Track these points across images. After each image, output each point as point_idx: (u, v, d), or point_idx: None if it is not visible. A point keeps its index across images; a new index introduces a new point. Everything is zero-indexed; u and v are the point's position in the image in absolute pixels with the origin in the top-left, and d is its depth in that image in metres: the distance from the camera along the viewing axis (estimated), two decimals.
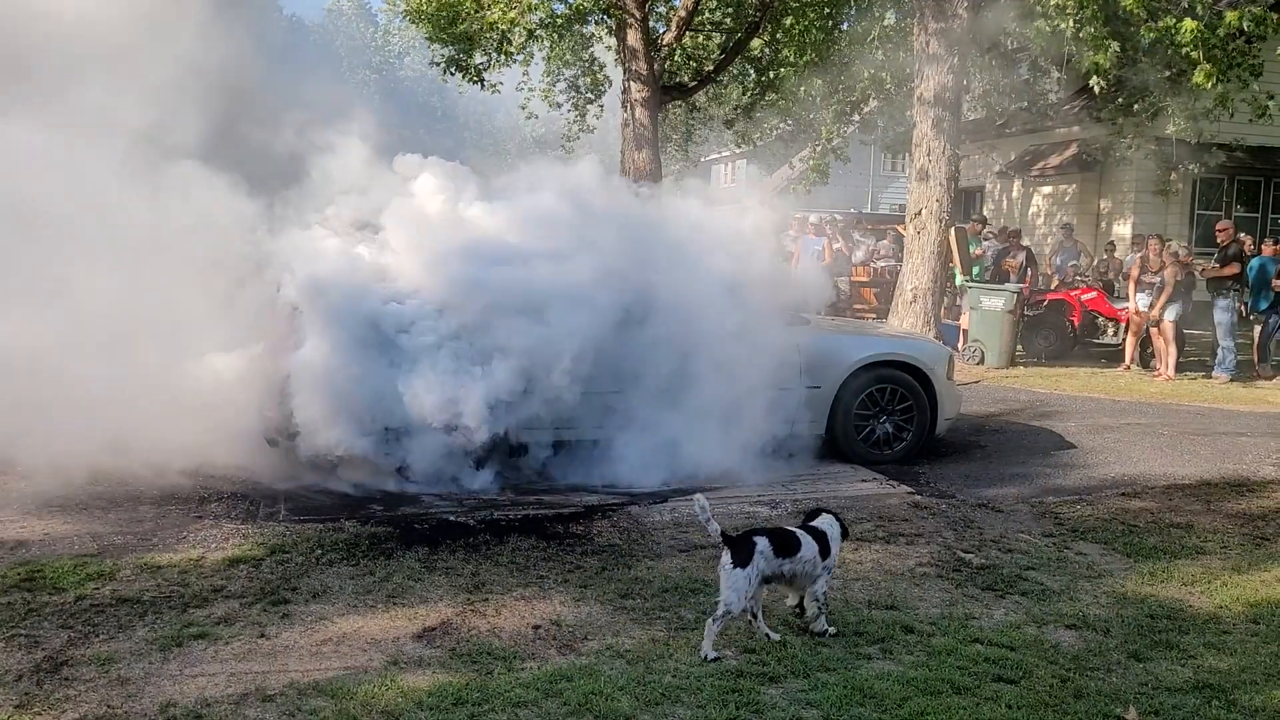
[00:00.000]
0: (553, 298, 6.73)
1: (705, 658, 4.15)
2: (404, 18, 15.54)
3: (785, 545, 4.38)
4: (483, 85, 15.19)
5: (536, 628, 4.51)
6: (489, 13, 13.54)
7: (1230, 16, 11.94)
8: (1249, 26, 12.24)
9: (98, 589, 4.81)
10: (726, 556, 4.27)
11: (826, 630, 4.45)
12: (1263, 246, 13.71)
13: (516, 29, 13.75)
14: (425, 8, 14.49)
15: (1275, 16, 13.39)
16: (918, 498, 6.85)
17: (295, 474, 6.74)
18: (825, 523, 4.63)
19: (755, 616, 4.41)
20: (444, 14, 14.21)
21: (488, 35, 13.82)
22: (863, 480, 7.31)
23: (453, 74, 15.24)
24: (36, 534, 5.61)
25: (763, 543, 4.32)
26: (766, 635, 4.38)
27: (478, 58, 14.59)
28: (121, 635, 4.33)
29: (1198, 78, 12.07)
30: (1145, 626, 4.68)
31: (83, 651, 4.16)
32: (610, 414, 7.04)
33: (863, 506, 6.57)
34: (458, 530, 5.84)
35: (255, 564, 5.20)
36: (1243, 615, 4.86)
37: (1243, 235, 14.59)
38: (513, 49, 14.05)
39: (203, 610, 4.60)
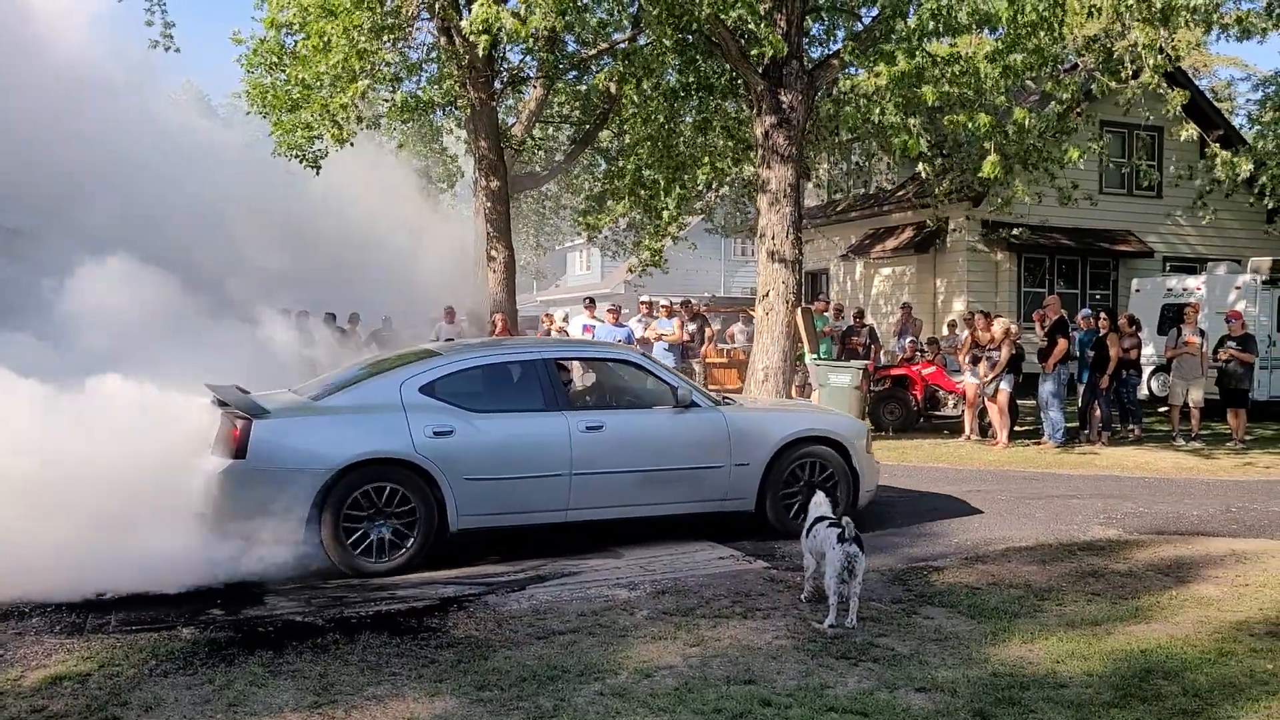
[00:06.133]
0: None
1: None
2: (250, 109, 15.28)
3: None
4: (318, 172, 15.03)
5: None
6: (338, 96, 13.52)
7: (1019, 114, 12.95)
8: (1032, 124, 13.30)
9: None
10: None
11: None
12: (1095, 320, 14.63)
13: (350, 116, 13.75)
14: (270, 99, 14.36)
15: (1060, 121, 14.61)
16: (774, 572, 6.95)
17: (130, 579, 6.37)
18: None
19: None
20: (283, 102, 14.11)
21: (324, 122, 13.75)
22: (720, 557, 7.37)
23: (290, 160, 15.05)
24: None
25: None
26: None
27: (317, 145, 14.46)
28: None
29: (985, 169, 13.03)
30: (989, 685, 4.84)
31: None
32: None
33: (720, 583, 6.62)
34: (305, 630, 5.60)
35: (81, 680, 4.85)
36: (1078, 668, 5.08)
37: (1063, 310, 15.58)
38: (345, 136, 13.97)
39: None
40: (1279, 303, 17.87)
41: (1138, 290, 20.05)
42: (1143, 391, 16.49)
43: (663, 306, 17.23)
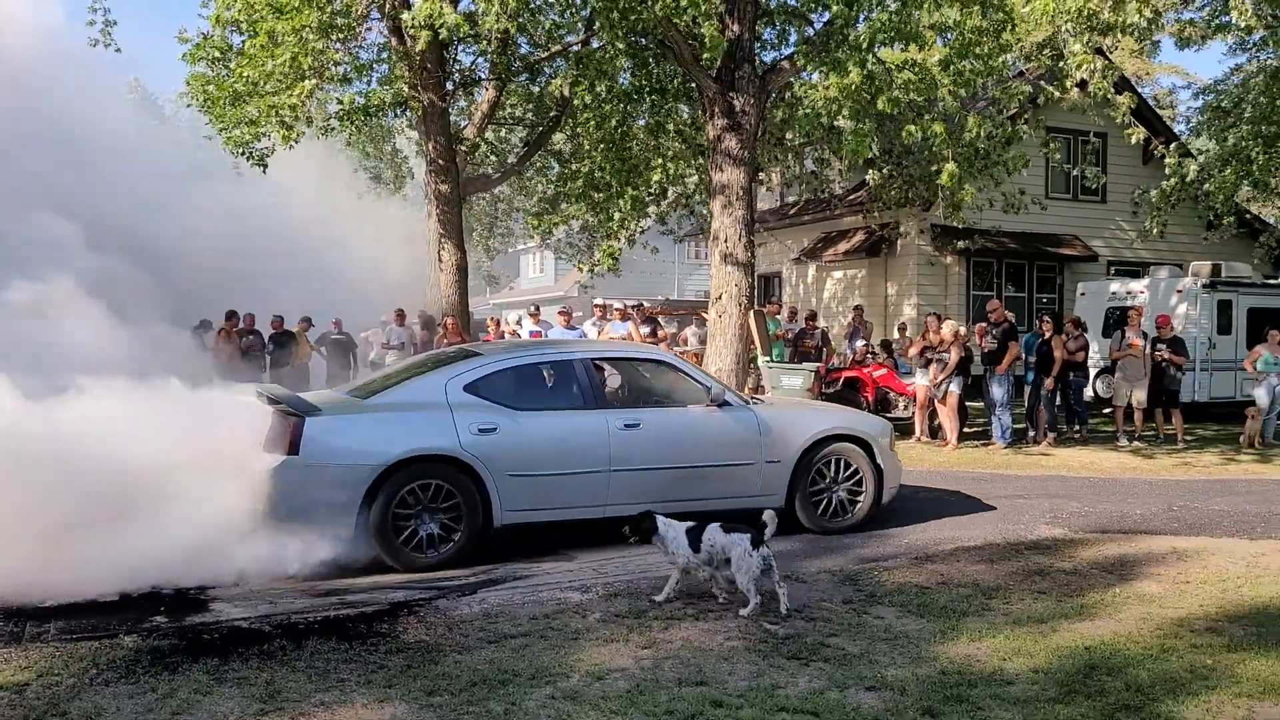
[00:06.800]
0: None
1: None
2: (192, 106, 15.02)
3: None
4: (264, 169, 14.87)
5: None
6: (281, 97, 13.34)
7: (971, 123, 13.13)
8: (988, 131, 13.53)
9: None
10: None
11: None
12: (1040, 324, 14.91)
13: (299, 116, 13.59)
14: (211, 91, 14.16)
15: (1011, 127, 14.88)
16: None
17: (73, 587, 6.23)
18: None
19: None
20: (225, 94, 13.93)
21: (271, 121, 13.58)
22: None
23: (238, 157, 14.82)
24: None
25: None
26: None
27: (263, 142, 14.27)
28: None
29: (943, 178, 13.21)
30: (938, 683, 4.88)
31: None
32: None
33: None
34: (251, 637, 5.51)
35: (18, 690, 4.73)
36: (1025, 666, 5.14)
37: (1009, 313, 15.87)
38: (293, 136, 13.81)
39: None
40: (1219, 306, 18.29)
41: (1083, 294, 20.41)
42: (1088, 393, 16.78)
43: (616, 309, 17.23)
